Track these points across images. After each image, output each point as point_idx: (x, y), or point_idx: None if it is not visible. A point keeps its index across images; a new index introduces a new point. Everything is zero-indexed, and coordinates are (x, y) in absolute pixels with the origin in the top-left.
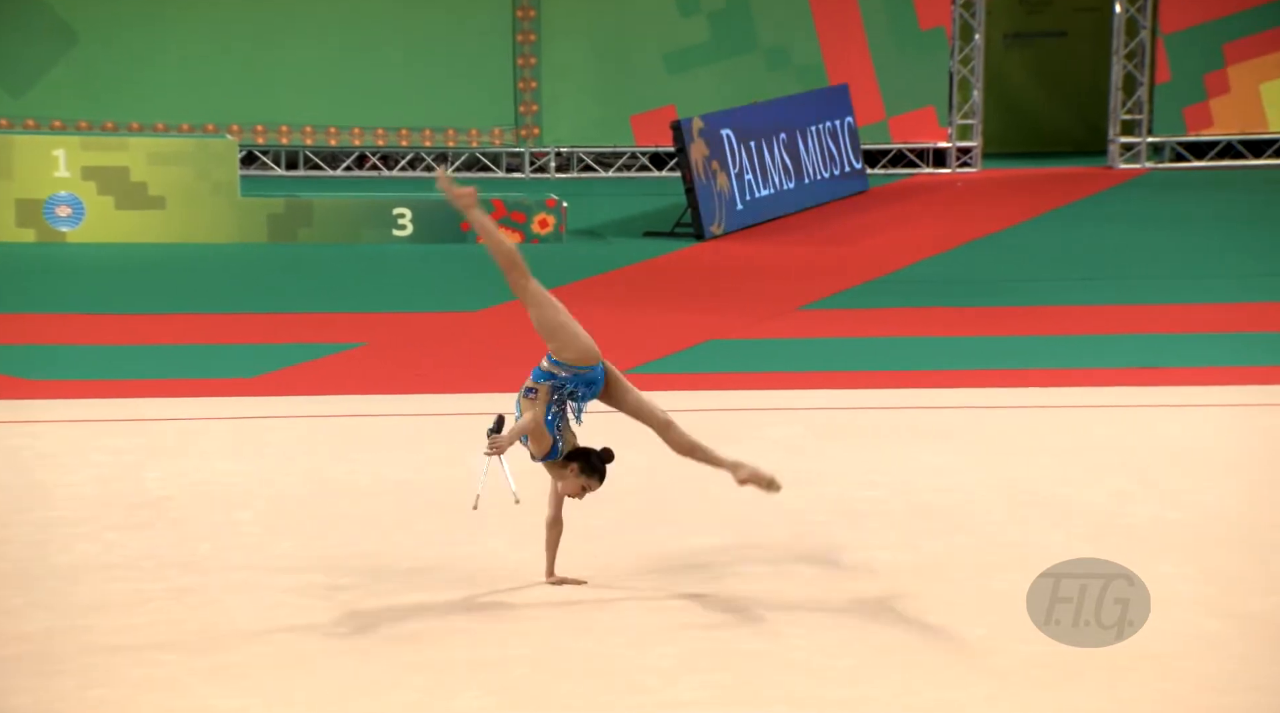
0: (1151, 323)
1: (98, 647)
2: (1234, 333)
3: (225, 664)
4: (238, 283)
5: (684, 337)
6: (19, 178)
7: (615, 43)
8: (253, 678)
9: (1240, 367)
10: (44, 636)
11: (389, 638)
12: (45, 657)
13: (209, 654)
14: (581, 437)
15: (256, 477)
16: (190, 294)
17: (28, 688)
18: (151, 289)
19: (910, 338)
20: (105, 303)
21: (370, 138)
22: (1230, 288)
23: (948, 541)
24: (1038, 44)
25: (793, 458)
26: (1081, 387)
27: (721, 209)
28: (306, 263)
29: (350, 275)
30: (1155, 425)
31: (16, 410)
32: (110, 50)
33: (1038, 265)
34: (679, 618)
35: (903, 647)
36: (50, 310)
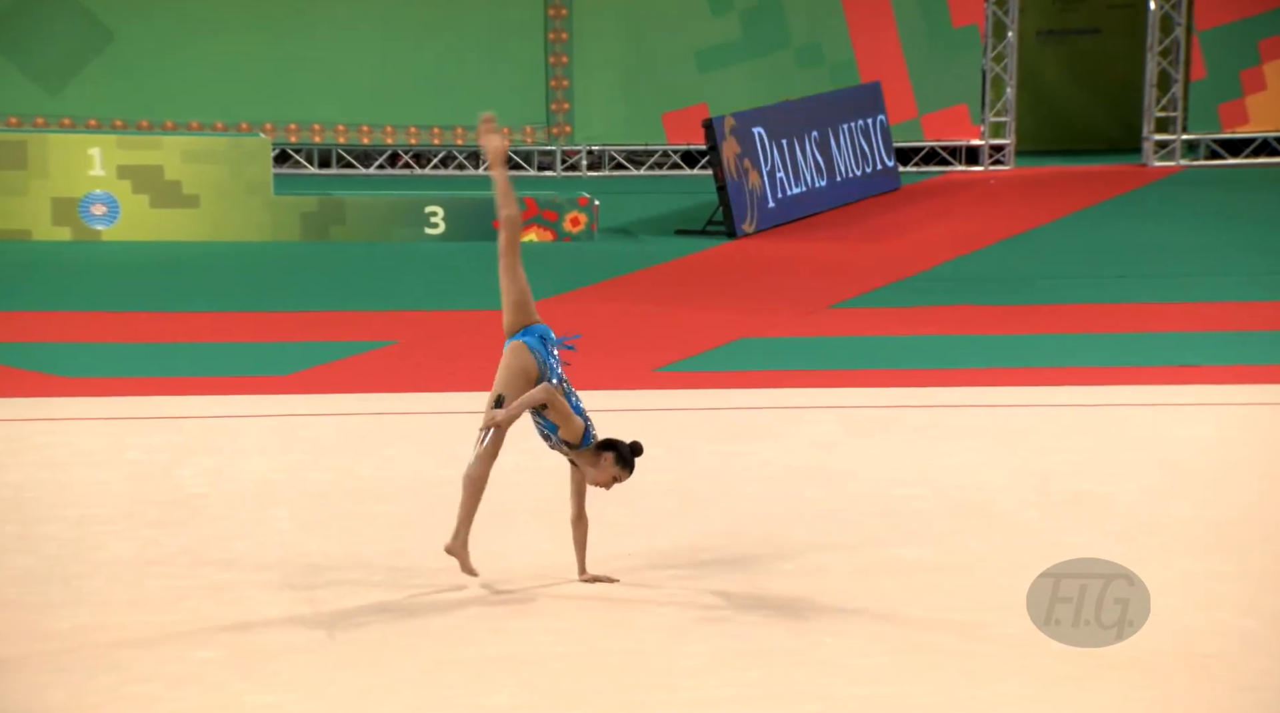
0: (1185, 321)
1: (133, 643)
2: (1268, 331)
3: (259, 661)
4: (270, 281)
5: (715, 335)
6: (55, 176)
7: (647, 40)
8: (286, 675)
9: (1275, 365)
10: (80, 632)
11: (422, 635)
12: (81, 653)
13: (243, 651)
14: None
15: (289, 474)
16: (223, 292)
17: (63, 684)
18: (185, 287)
19: (942, 336)
20: (140, 301)
21: (403, 136)
22: (1265, 286)
23: (980, 538)
24: (1071, 41)
25: (824, 456)
26: (1115, 385)
27: (753, 207)
28: (339, 261)
29: (382, 273)
30: (1189, 423)
31: (52, 408)
32: (145, 49)
33: (1070, 263)
34: (711, 615)
35: (934, 645)
36: (85, 308)
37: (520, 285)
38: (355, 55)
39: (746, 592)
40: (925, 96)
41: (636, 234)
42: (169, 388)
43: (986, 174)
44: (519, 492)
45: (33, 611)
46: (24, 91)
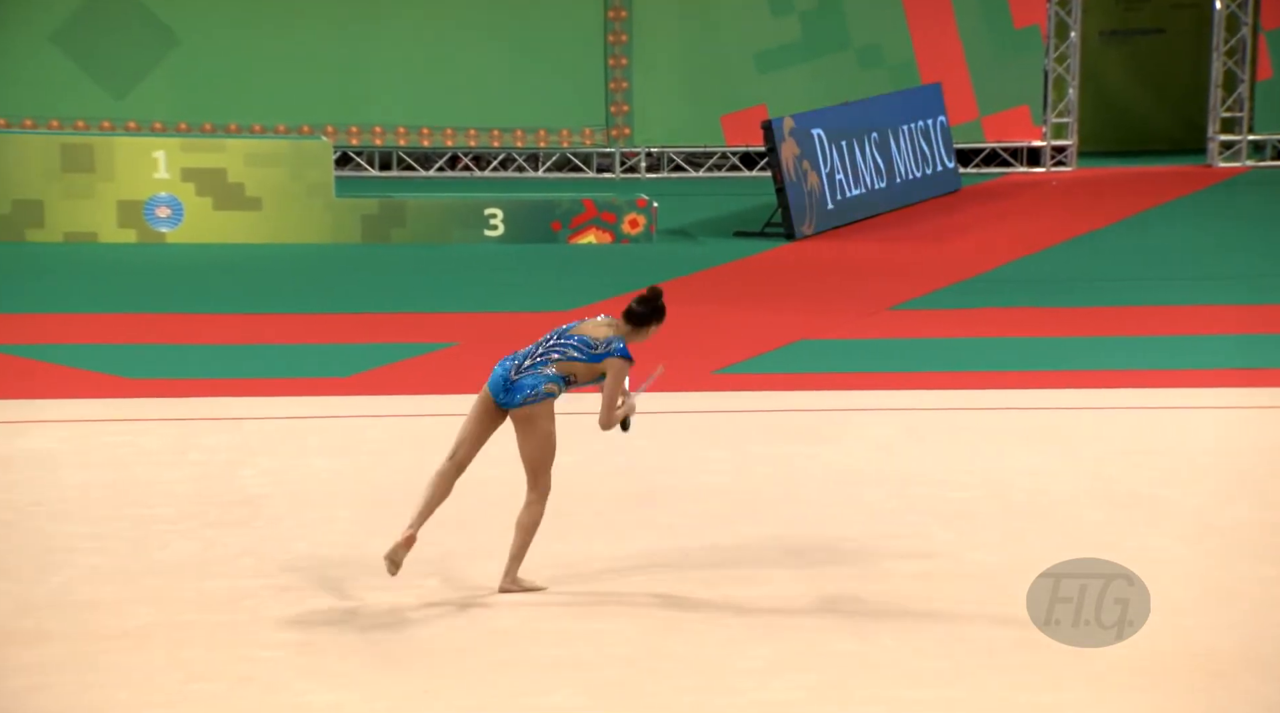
0: (1251, 323)
1: (196, 642)
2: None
3: (321, 661)
4: (332, 283)
5: (774, 336)
6: (120, 179)
7: (706, 42)
8: (348, 674)
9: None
10: (144, 631)
11: (481, 635)
12: (145, 652)
13: (305, 651)
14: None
15: (351, 475)
16: (285, 294)
17: (128, 683)
18: (247, 289)
19: (1003, 338)
20: (203, 303)
21: (462, 138)
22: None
23: (1042, 542)
24: (1135, 41)
25: (885, 458)
26: (1179, 387)
27: (812, 209)
28: (399, 263)
29: (442, 275)
30: (1255, 427)
31: (117, 409)
32: (209, 53)
33: (1134, 265)
34: (770, 618)
35: (996, 649)
36: (150, 310)
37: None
38: (416, 58)
39: (806, 594)
40: (986, 97)
41: (695, 236)
42: (231, 389)
43: (1048, 175)
44: (580, 494)
45: (99, 609)
46: (91, 95)
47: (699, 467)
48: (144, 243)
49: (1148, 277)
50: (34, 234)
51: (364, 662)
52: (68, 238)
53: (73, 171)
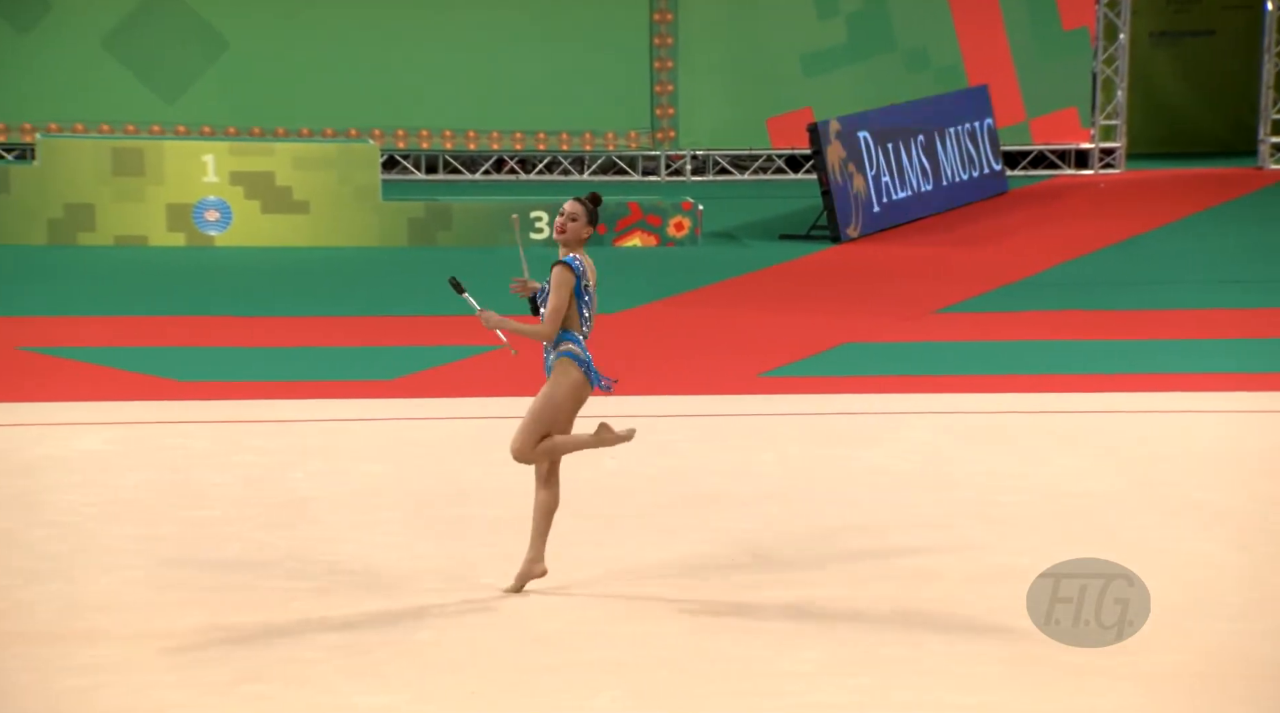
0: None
1: (247, 643)
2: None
3: (369, 663)
4: (378, 286)
5: (820, 339)
6: (170, 183)
7: (752, 45)
8: (396, 676)
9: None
10: (195, 632)
11: (528, 638)
12: (197, 653)
13: (353, 653)
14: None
15: (398, 478)
16: (332, 297)
17: (179, 683)
18: (295, 292)
19: (1049, 341)
20: (251, 306)
21: (508, 142)
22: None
23: (1089, 546)
24: (1185, 43)
25: (930, 461)
26: (1228, 391)
27: (858, 211)
28: (446, 266)
29: (488, 279)
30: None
31: (169, 411)
32: (258, 57)
33: (1183, 268)
34: (817, 621)
35: (1045, 654)
36: (199, 313)
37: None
38: (462, 62)
39: (854, 597)
40: (1034, 100)
41: (740, 239)
42: (280, 391)
43: (1096, 178)
44: (625, 497)
45: (151, 611)
46: (141, 100)
47: (744, 470)
48: (193, 246)
49: (1196, 280)
50: (85, 237)
51: (411, 664)
52: (118, 241)
53: (123, 175)
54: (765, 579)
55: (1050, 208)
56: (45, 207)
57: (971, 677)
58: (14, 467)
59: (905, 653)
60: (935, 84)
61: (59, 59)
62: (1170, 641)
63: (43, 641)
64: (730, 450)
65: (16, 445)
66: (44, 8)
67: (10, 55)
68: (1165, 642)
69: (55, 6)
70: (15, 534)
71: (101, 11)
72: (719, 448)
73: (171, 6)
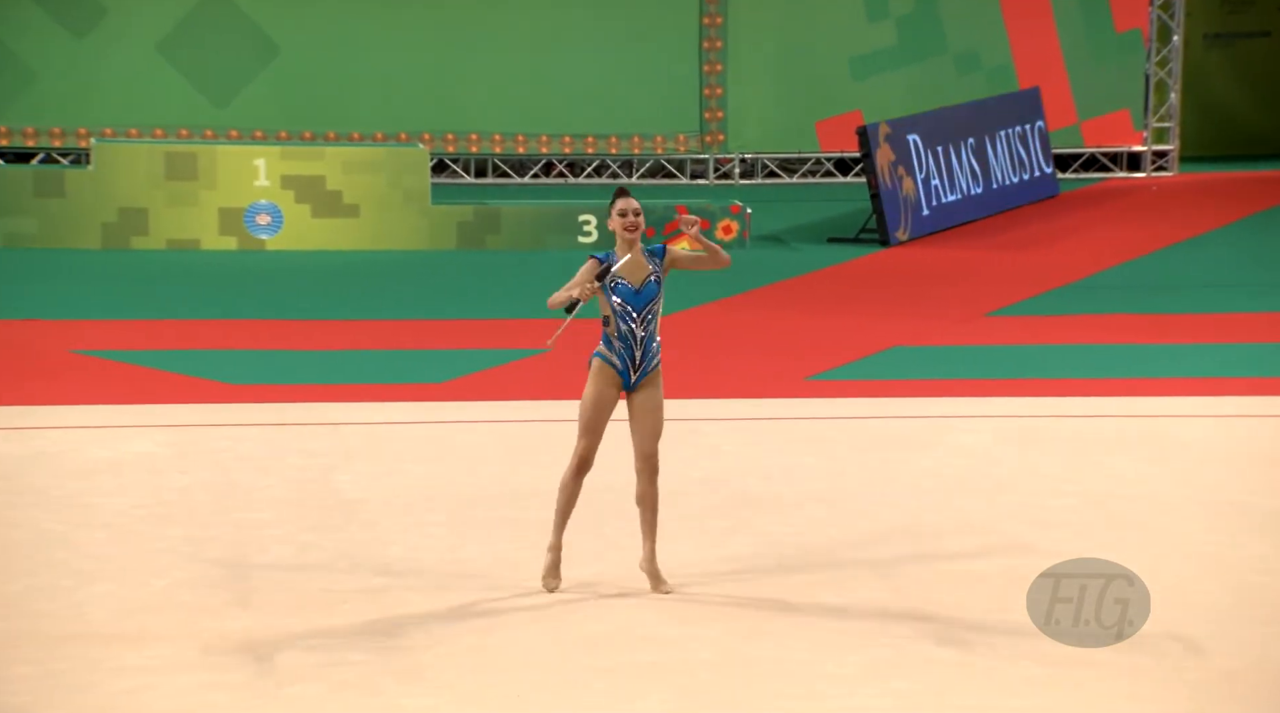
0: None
1: (294, 646)
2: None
3: (415, 665)
4: (428, 289)
5: (869, 343)
6: (222, 187)
7: (801, 48)
8: (442, 679)
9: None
10: (244, 634)
11: (573, 640)
12: (244, 655)
13: (400, 655)
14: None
15: (446, 480)
16: (382, 300)
17: (226, 684)
18: (345, 295)
19: (1101, 345)
20: (301, 309)
21: (557, 145)
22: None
23: (1139, 550)
24: (1239, 44)
25: (981, 465)
26: (1279, 395)
27: (907, 215)
28: (494, 269)
29: (536, 282)
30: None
31: (219, 414)
32: (309, 62)
33: (1236, 271)
34: (861, 625)
35: (1092, 659)
36: (250, 316)
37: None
38: (511, 66)
39: (899, 601)
40: (1086, 102)
41: (789, 242)
42: (329, 394)
43: (1149, 180)
44: (669, 499)
45: (200, 612)
46: (194, 104)
47: (792, 473)
48: (244, 249)
49: (1249, 283)
50: (139, 242)
51: (458, 667)
52: (170, 245)
53: (176, 179)
54: (810, 582)
55: (1102, 211)
56: (99, 210)
57: (1015, 681)
58: (67, 469)
59: (949, 657)
60: (986, 86)
61: (114, 64)
62: (1220, 645)
63: (93, 642)
64: (777, 454)
65: (69, 448)
66: (99, 13)
67: (66, 60)
68: (1215, 646)
69: (111, 11)
70: (67, 536)
71: (155, 17)
72: (766, 451)
73: (224, 11)
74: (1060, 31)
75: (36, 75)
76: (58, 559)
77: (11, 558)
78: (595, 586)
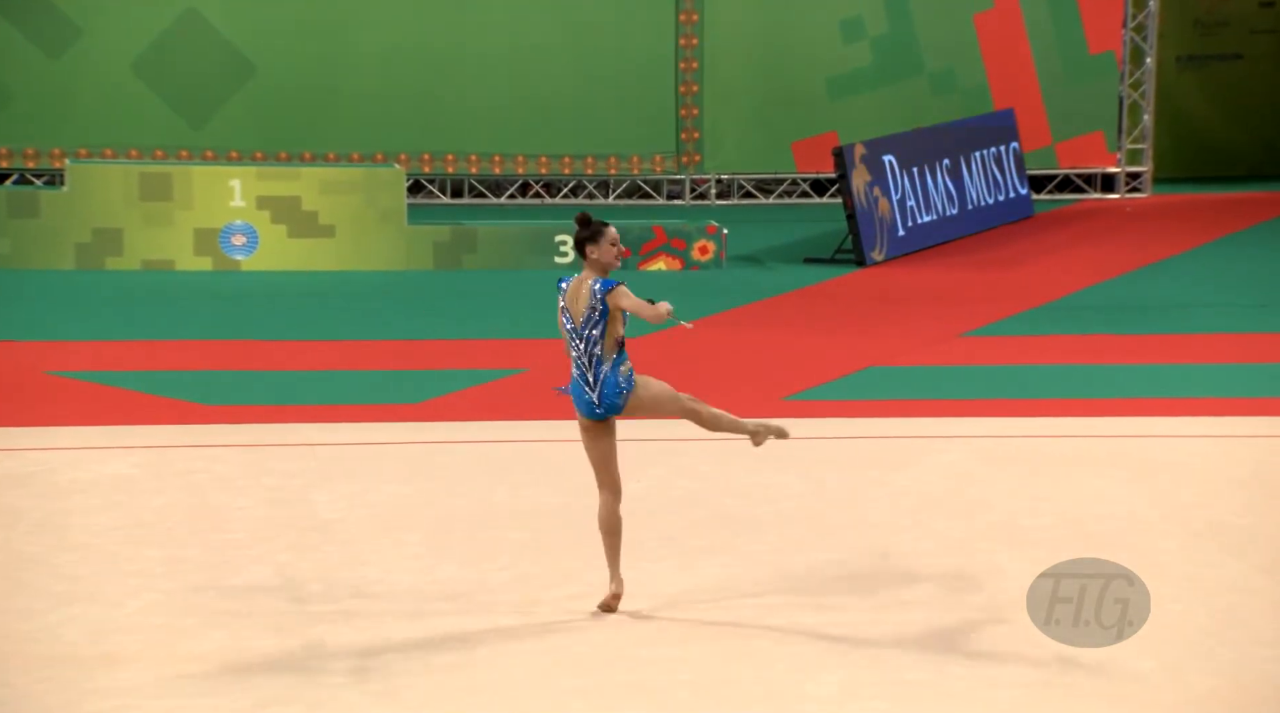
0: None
1: (269, 666)
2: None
3: (392, 686)
4: (405, 309)
5: (845, 363)
6: (198, 207)
7: (777, 69)
8: (419, 700)
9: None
10: (219, 655)
11: (550, 663)
12: (221, 676)
13: (377, 676)
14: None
15: (422, 500)
16: (358, 321)
17: (203, 707)
18: (321, 316)
19: (1075, 365)
20: (277, 329)
21: (533, 165)
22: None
23: None
24: (1213, 67)
25: (957, 485)
26: (1256, 416)
27: (883, 235)
28: (471, 290)
29: (513, 302)
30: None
31: (194, 435)
32: (285, 83)
33: (1210, 292)
34: (840, 645)
35: (1068, 680)
36: (225, 337)
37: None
38: (487, 85)
39: (877, 622)
40: (1060, 124)
41: (765, 262)
42: (305, 415)
43: (1122, 202)
44: (646, 519)
45: (176, 633)
46: (169, 124)
47: (769, 493)
48: (220, 270)
49: (1224, 304)
50: (113, 262)
51: (435, 687)
52: (145, 265)
53: (151, 200)
54: (788, 602)
55: (1077, 232)
56: (74, 231)
57: (994, 703)
58: (42, 490)
59: (927, 677)
60: (961, 107)
61: (89, 84)
62: (1200, 666)
63: (70, 663)
64: (754, 474)
65: (44, 469)
66: (74, 33)
67: (41, 81)
68: (1195, 667)
69: (85, 32)
70: (43, 557)
71: (130, 37)
72: (743, 471)
73: (199, 31)
74: (1035, 53)
75: (11, 95)
76: (33, 581)
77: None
78: (573, 606)
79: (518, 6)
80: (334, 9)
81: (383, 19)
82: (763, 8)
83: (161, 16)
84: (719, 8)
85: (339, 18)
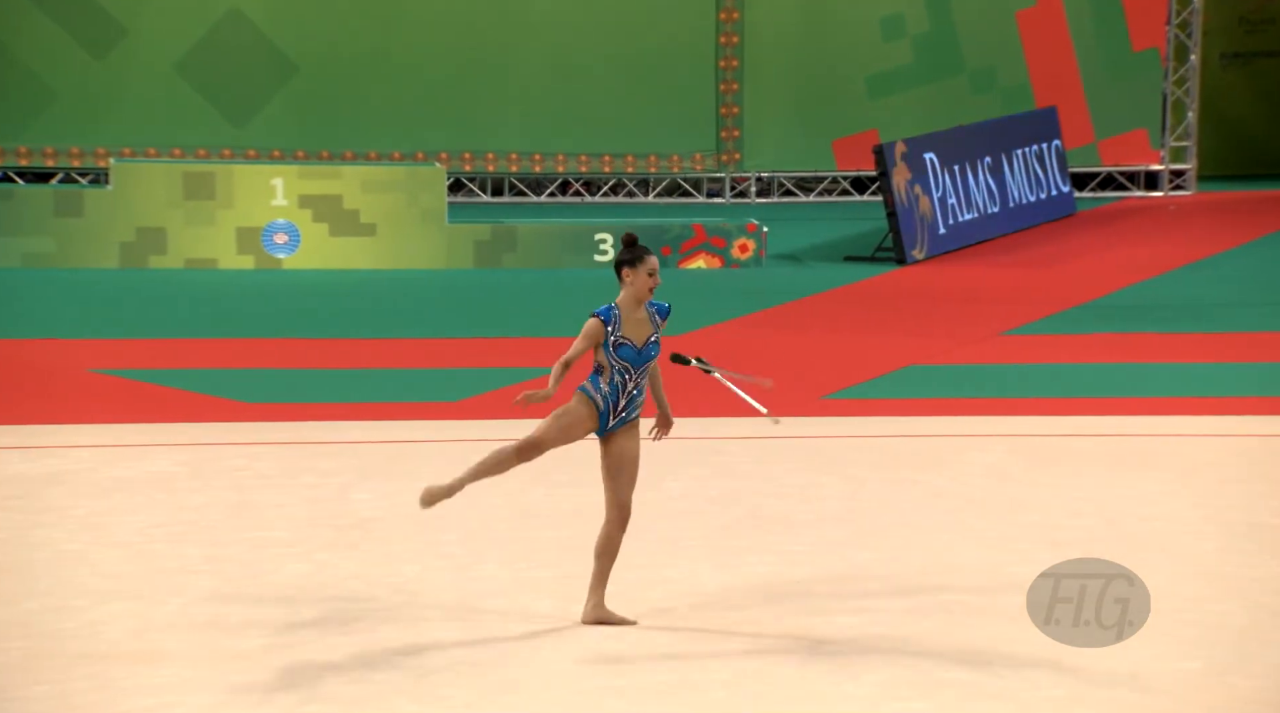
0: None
1: (311, 664)
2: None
3: (431, 684)
4: (444, 308)
5: (885, 361)
6: (240, 206)
7: (818, 67)
8: (459, 699)
9: None
10: (259, 653)
11: (589, 660)
12: (260, 674)
13: (415, 674)
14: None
15: (461, 500)
16: (399, 319)
17: (243, 704)
18: (362, 314)
19: (1118, 364)
20: (318, 328)
21: (573, 164)
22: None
23: (1156, 571)
24: (1257, 63)
25: (996, 485)
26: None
27: (923, 233)
28: (511, 288)
29: (553, 300)
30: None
31: (235, 433)
32: (327, 82)
33: (1254, 290)
34: (879, 645)
35: (1112, 681)
36: (267, 335)
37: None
38: (528, 84)
39: (916, 622)
40: (1103, 121)
41: (805, 261)
42: (345, 413)
43: (1166, 199)
44: (685, 519)
45: (216, 631)
46: (212, 124)
47: (808, 493)
48: (261, 269)
49: (1267, 303)
50: (156, 261)
51: (475, 686)
52: (188, 264)
53: (194, 199)
54: (827, 603)
55: (1119, 230)
56: (117, 230)
57: (1034, 704)
58: (83, 488)
59: (966, 678)
60: (1002, 105)
61: (132, 84)
62: (1241, 666)
63: (110, 661)
64: (793, 473)
65: (87, 467)
66: (119, 33)
67: (85, 80)
68: (1237, 668)
69: (130, 32)
70: (85, 554)
71: (174, 37)
72: (782, 471)
73: (242, 31)
74: (1077, 50)
75: (56, 95)
76: (74, 578)
77: (28, 577)
78: (612, 605)
79: (558, 5)
80: (376, 9)
81: (424, 19)
82: (803, 6)
83: (205, 17)
84: (760, 6)
85: (381, 18)
